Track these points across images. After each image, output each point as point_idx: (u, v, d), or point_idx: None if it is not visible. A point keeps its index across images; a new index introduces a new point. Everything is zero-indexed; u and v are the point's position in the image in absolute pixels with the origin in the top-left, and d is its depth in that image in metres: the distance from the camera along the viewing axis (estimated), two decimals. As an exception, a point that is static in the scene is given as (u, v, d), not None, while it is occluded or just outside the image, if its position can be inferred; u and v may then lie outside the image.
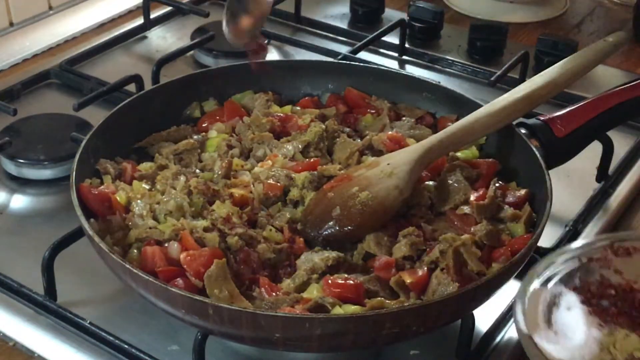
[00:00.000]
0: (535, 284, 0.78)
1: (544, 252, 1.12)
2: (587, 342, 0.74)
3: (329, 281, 0.95)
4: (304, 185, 1.08)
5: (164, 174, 1.10)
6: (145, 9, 1.65)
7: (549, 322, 0.75)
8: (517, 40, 1.70)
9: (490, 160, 1.14)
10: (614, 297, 0.76)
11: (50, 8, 1.68)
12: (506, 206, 1.06)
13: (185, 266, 0.95)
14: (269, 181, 1.08)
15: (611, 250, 0.80)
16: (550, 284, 0.78)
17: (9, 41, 1.59)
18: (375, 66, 1.36)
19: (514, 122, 1.13)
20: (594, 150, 1.23)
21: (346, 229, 1.03)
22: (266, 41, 1.59)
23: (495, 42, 1.61)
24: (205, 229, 0.99)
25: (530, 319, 0.75)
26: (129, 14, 1.74)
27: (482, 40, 1.61)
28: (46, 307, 1.03)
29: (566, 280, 0.79)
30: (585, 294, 0.77)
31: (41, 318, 1.03)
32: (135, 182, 1.09)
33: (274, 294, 0.95)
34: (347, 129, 1.21)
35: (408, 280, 0.96)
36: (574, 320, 0.76)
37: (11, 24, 1.61)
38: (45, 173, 1.25)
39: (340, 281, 0.95)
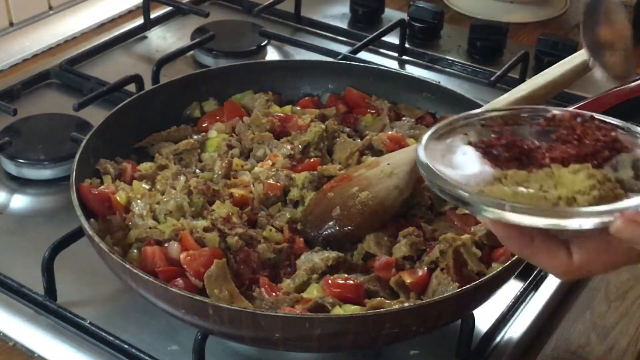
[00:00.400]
0: (434, 137, 0.84)
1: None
2: (480, 173, 0.79)
3: (329, 281, 0.95)
4: (304, 185, 1.08)
5: (164, 174, 1.10)
6: (145, 9, 1.65)
7: (445, 162, 0.81)
8: (517, 40, 1.70)
9: (490, 160, 1.14)
10: (504, 146, 0.82)
11: (50, 8, 1.68)
12: (506, 206, 1.06)
13: (185, 266, 0.95)
14: (269, 181, 1.08)
15: (503, 120, 0.86)
16: (448, 139, 0.84)
17: (9, 41, 1.59)
18: (375, 66, 1.36)
19: (514, 122, 1.13)
20: (594, 150, 1.22)
21: (346, 229, 1.03)
22: (265, 42, 1.59)
23: (495, 42, 1.61)
24: (205, 229, 0.99)
25: (429, 157, 0.80)
26: (129, 14, 1.74)
27: (482, 40, 1.61)
28: (46, 307, 1.03)
29: (462, 138, 0.85)
30: (478, 145, 0.83)
31: (41, 318, 1.03)
32: (135, 182, 1.09)
33: (274, 294, 0.95)
34: (347, 129, 1.21)
35: (408, 280, 0.96)
36: (469, 160, 0.81)
37: (11, 24, 1.61)
38: (45, 173, 1.25)
39: (340, 281, 0.95)
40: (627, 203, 0.72)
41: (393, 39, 1.61)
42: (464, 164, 0.81)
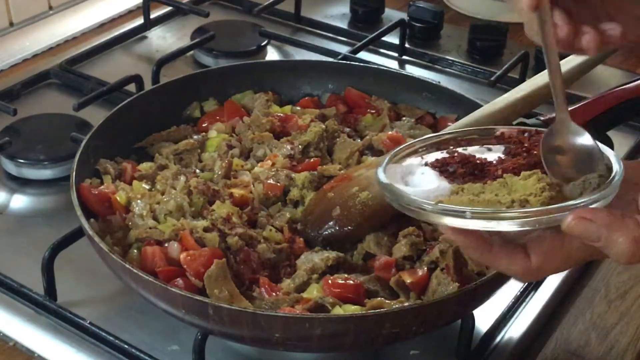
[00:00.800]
0: (392, 161, 0.89)
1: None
2: (438, 188, 0.83)
3: (329, 281, 0.95)
4: (304, 185, 1.08)
5: (164, 174, 1.10)
6: (145, 9, 1.65)
7: (405, 183, 0.86)
8: (517, 40, 1.70)
9: (490, 160, 1.14)
10: (458, 163, 0.87)
11: (50, 8, 1.68)
12: (506, 206, 1.06)
13: (185, 266, 0.95)
14: (269, 181, 1.08)
15: (454, 141, 0.92)
16: (405, 162, 0.90)
17: (9, 41, 1.59)
18: (375, 66, 1.36)
19: (514, 122, 1.13)
20: (594, 150, 1.22)
21: (346, 229, 1.03)
22: (265, 42, 1.59)
23: (495, 42, 1.61)
24: (205, 229, 0.99)
25: (390, 179, 0.85)
26: (129, 14, 1.74)
27: (482, 40, 1.61)
28: (46, 307, 1.03)
29: (418, 160, 0.90)
30: (433, 164, 0.88)
31: (41, 318, 1.03)
32: (135, 182, 1.09)
33: (274, 294, 0.95)
34: (347, 129, 1.21)
35: (408, 280, 0.96)
36: (427, 178, 0.86)
37: (11, 24, 1.61)
38: (45, 173, 1.25)
39: (340, 281, 0.95)
40: (575, 201, 0.75)
41: (393, 39, 1.61)
42: (423, 183, 0.86)
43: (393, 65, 1.58)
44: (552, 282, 1.10)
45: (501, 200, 0.77)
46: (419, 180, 0.86)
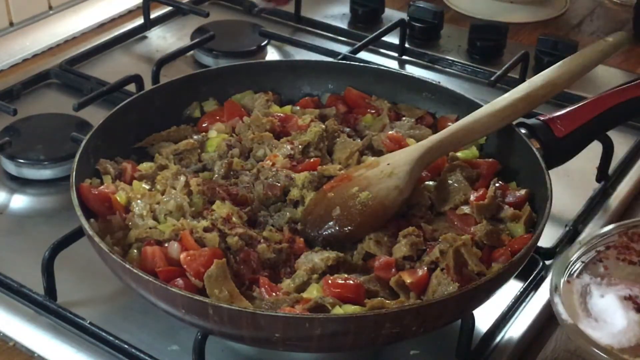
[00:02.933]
0: (564, 278, 0.82)
1: (544, 252, 1.12)
2: (628, 326, 0.77)
3: (329, 281, 0.95)
4: (304, 185, 1.08)
5: (164, 174, 1.10)
6: (145, 9, 1.65)
7: (586, 310, 0.79)
8: (517, 40, 1.70)
9: (490, 160, 1.14)
10: None
11: (50, 8, 1.68)
12: (506, 206, 1.06)
13: (185, 266, 0.95)
14: (269, 181, 1.08)
15: (626, 236, 0.84)
16: (576, 276, 0.82)
17: (9, 41, 1.59)
18: (375, 66, 1.36)
19: (514, 122, 1.13)
20: (594, 150, 1.23)
21: (346, 229, 1.03)
22: (265, 42, 1.59)
23: (495, 42, 1.61)
24: (205, 229, 0.99)
25: (569, 310, 0.78)
26: (129, 14, 1.74)
27: (482, 40, 1.61)
28: (46, 307, 1.03)
29: (591, 270, 0.82)
30: (618, 291, 0.80)
31: (41, 318, 1.03)
32: (135, 182, 1.09)
33: (274, 294, 0.95)
34: (347, 129, 1.21)
35: (408, 280, 0.96)
36: (609, 306, 0.79)
37: (11, 24, 1.61)
38: (45, 173, 1.25)
39: (340, 281, 0.95)
40: None
41: (393, 39, 1.61)
42: (606, 312, 0.79)
43: (393, 65, 1.58)
44: (552, 282, 1.10)
45: None
46: (600, 306, 0.79)
